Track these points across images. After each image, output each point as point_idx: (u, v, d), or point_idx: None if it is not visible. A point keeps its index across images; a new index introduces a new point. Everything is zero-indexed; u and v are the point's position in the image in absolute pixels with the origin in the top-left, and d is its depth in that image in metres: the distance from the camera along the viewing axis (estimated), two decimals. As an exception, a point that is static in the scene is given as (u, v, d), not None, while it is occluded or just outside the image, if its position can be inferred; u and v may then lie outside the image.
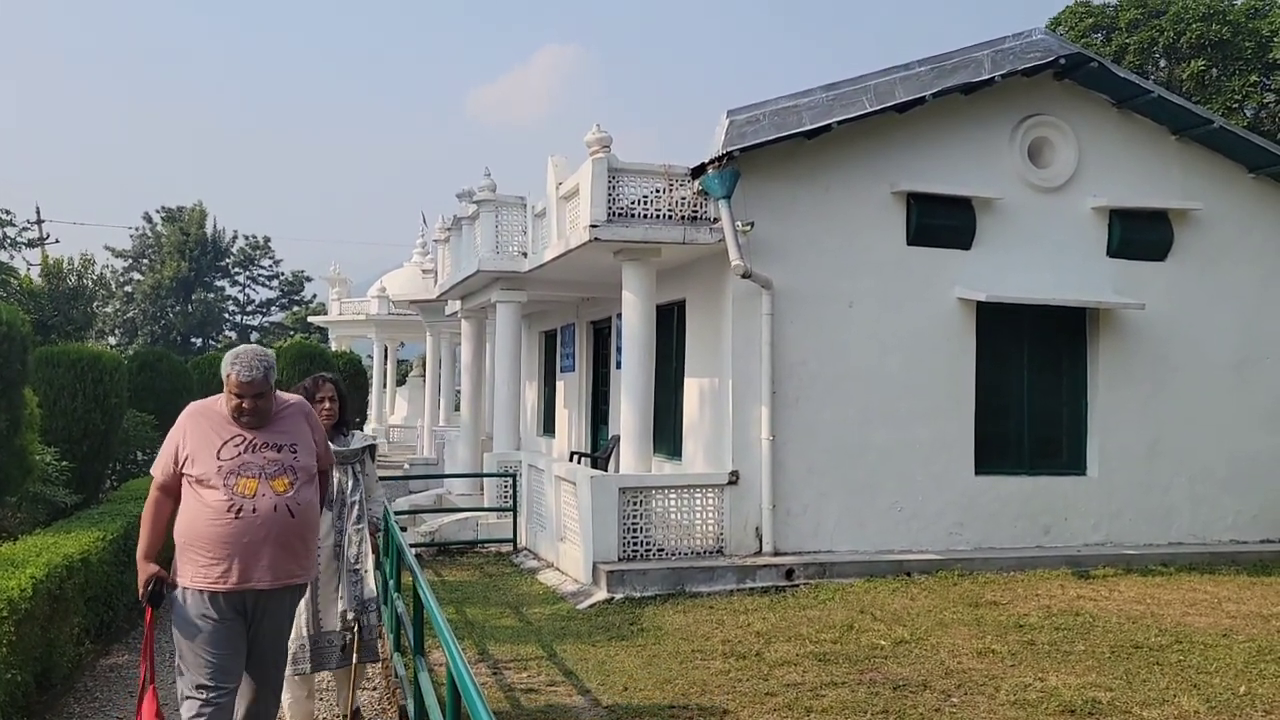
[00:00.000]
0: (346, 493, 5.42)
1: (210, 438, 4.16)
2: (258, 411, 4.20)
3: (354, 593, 5.31)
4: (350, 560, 5.32)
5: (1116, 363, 11.27)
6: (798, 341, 10.21)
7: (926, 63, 10.46)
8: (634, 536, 9.63)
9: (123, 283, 50.18)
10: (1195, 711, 5.85)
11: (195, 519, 4.08)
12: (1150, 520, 11.21)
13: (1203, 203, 11.46)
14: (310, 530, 4.33)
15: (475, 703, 3.00)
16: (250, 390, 4.16)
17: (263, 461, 4.16)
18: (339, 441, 5.44)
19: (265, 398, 4.21)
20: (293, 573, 4.23)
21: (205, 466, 4.10)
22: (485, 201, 13.26)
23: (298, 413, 4.45)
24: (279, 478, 4.15)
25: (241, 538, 4.05)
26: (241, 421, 4.19)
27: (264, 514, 4.08)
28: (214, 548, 4.04)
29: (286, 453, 4.23)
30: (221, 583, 4.06)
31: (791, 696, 6.18)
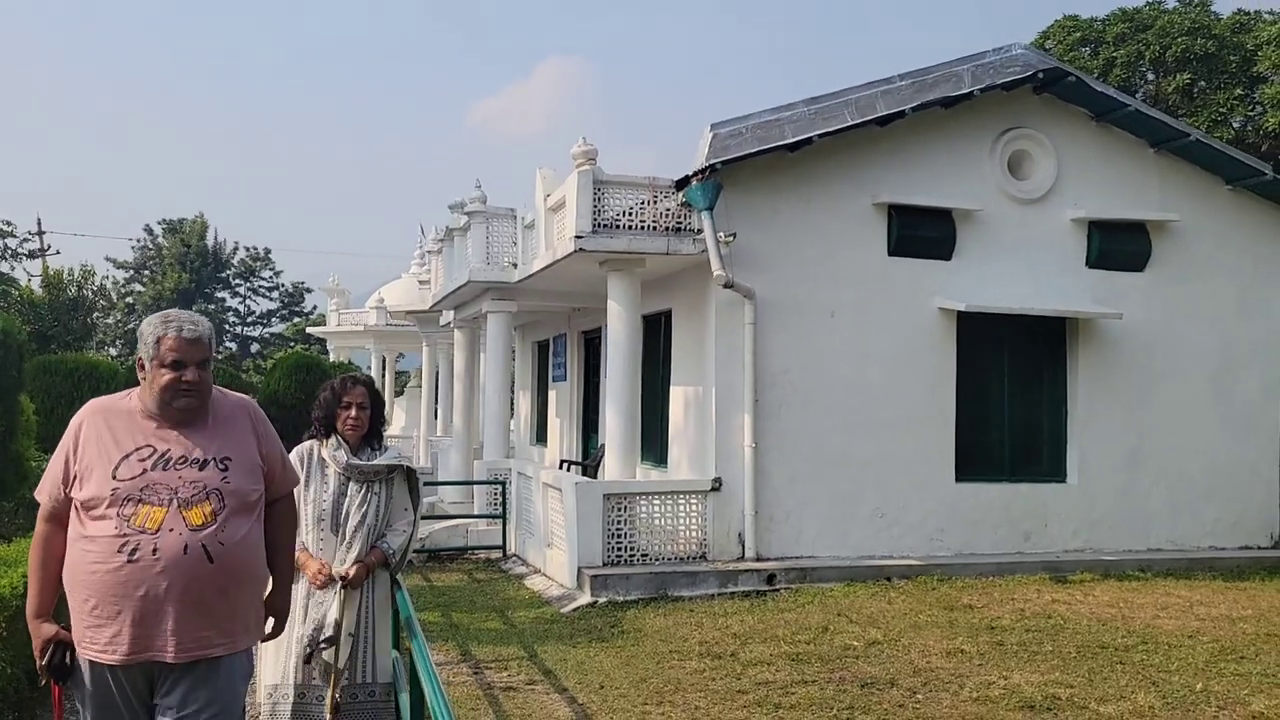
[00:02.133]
0: (349, 511, 4.43)
1: (108, 448, 3.07)
2: (201, 389, 3.13)
3: (314, 615, 4.35)
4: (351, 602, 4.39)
5: (1096, 372, 11.45)
6: (780, 351, 10.40)
7: (907, 77, 10.68)
8: (618, 542, 9.80)
9: (124, 294, 50.49)
10: (1150, 707, 6.01)
11: (78, 561, 3.01)
12: (1129, 527, 11.38)
13: (1181, 214, 11.66)
14: (240, 581, 3.11)
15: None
16: (194, 354, 3.10)
17: (176, 482, 3.04)
18: (364, 456, 4.51)
19: (208, 370, 3.16)
20: (208, 641, 3.04)
21: (96, 489, 3.01)
22: (476, 213, 13.48)
23: (239, 414, 3.30)
24: (197, 505, 3.03)
25: (135, 589, 2.93)
26: (175, 407, 3.10)
27: (168, 556, 2.95)
28: (100, 602, 2.95)
29: (213, 470, 3.11)
30: (110, 651, 2.96)
31: (762, 694, 6.34)
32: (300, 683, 4.32)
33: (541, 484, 11.08)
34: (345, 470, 4.44)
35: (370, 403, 4.51)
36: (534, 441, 18.78)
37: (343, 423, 4.47)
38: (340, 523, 4.40)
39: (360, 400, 4.50)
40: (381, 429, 4.61)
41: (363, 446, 4.53)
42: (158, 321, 3.16)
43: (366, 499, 4.45)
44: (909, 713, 5.95)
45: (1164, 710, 5.97)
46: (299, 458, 4.44)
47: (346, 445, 4.48)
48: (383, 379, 33.00)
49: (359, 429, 4.50)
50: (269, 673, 4.38)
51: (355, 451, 4.48)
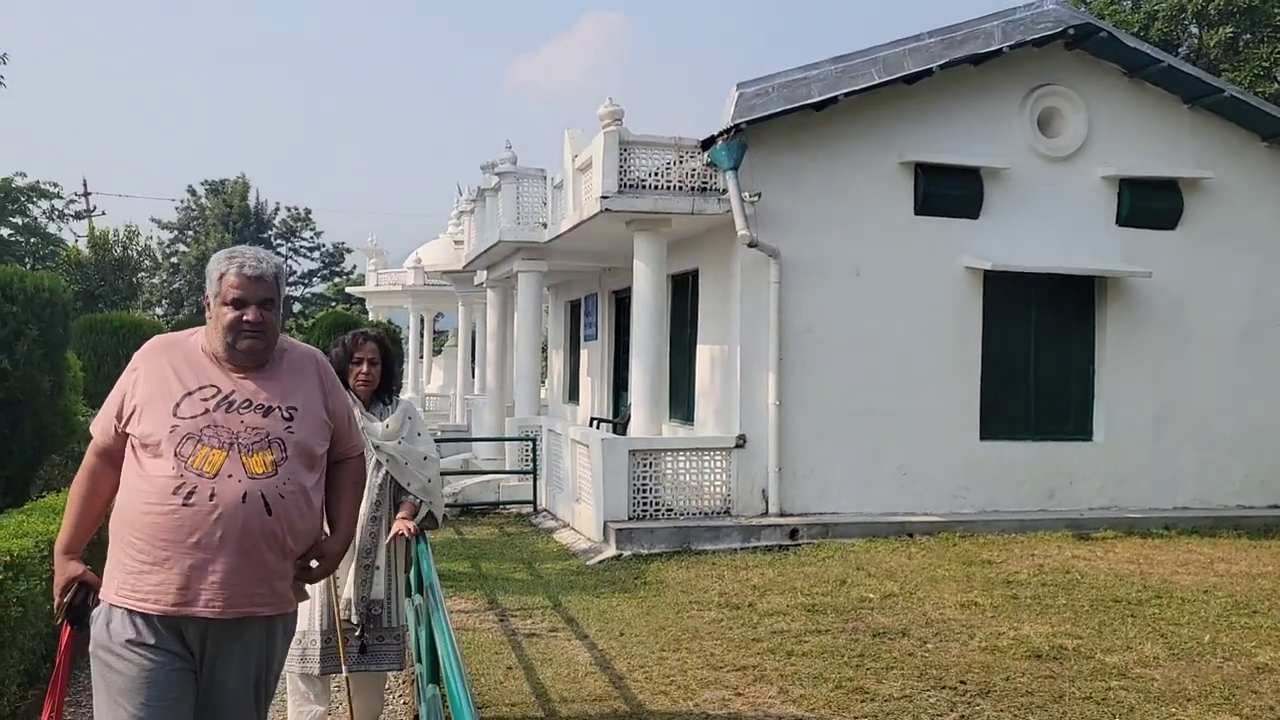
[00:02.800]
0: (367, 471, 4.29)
1: (170, 384, 2.89)
2: (266, 329, 2.95)
3: (361, 593, 4.44)
4: (360, 554, 4.43)
5: (1125, 330, 11.42)
6: (805, 309, 10.49)
7: (936, 34, 10.63)
8: (643, 497, 10.01)
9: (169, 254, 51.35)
10: (1155, 657, 6.13)
11: (129, 500, 2.82)
12: (1156, 485, 11.39)
13: (1214, 171, 11.54)
14: (298, 537, 2.92)
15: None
16: (258, 292, 2.93)
17: (239, 426, 2.86)
18: (376, 411, 4.52)
19: (274, 313, 2.97)
20: (260, 598, 2.86)
21: (155, 424, 2.83)
22: (506, 174, 13.63)
23: (307, 364, 3.11)
24: (259, 453, 2.84)
25: (188, 535, 2.75)
26: (238, 349, 2.92)
27: (226, 503, 2.76)
28: (148, 546, 2.76)
29: (278, 418, 2.92)
30: (152, 600, 2.76)
31: (776, 642, 6.53)
32: (326, 629, 4.36)
33: (570, 441, 11.31)
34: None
35: (381, 357, 4.52)
36: (567, 399, 19.03)
37: (354, 378, 4.47)
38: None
39: (371, 355, 4.50)
40: (394, 383, 4.63)
41: (374, 401, 4.56)
42: (223, 257, 2.99)
43: (375, 455, 4.48)
44: (917, 661, 6.11)
45: (1169, 660, 6.09)
46: None
47: (360, 401, 4.49)
48: (421, 338, 33.42)
49: (370, 384, 4.51)
50: (300, 619, 4.19)
51: (368, 406, 4.51)
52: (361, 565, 4.44)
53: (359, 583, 4.43)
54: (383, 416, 4.53)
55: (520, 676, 5.91)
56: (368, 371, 4.49)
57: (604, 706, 5.40)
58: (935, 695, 5.52)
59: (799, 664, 6.08)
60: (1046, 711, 5.28)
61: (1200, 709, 5.30)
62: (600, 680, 5.83)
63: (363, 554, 4.43)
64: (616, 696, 5.55)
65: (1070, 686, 5.63)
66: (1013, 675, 5.83)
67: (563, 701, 5.47)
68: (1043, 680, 5.74)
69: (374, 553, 4.47)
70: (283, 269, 3.06)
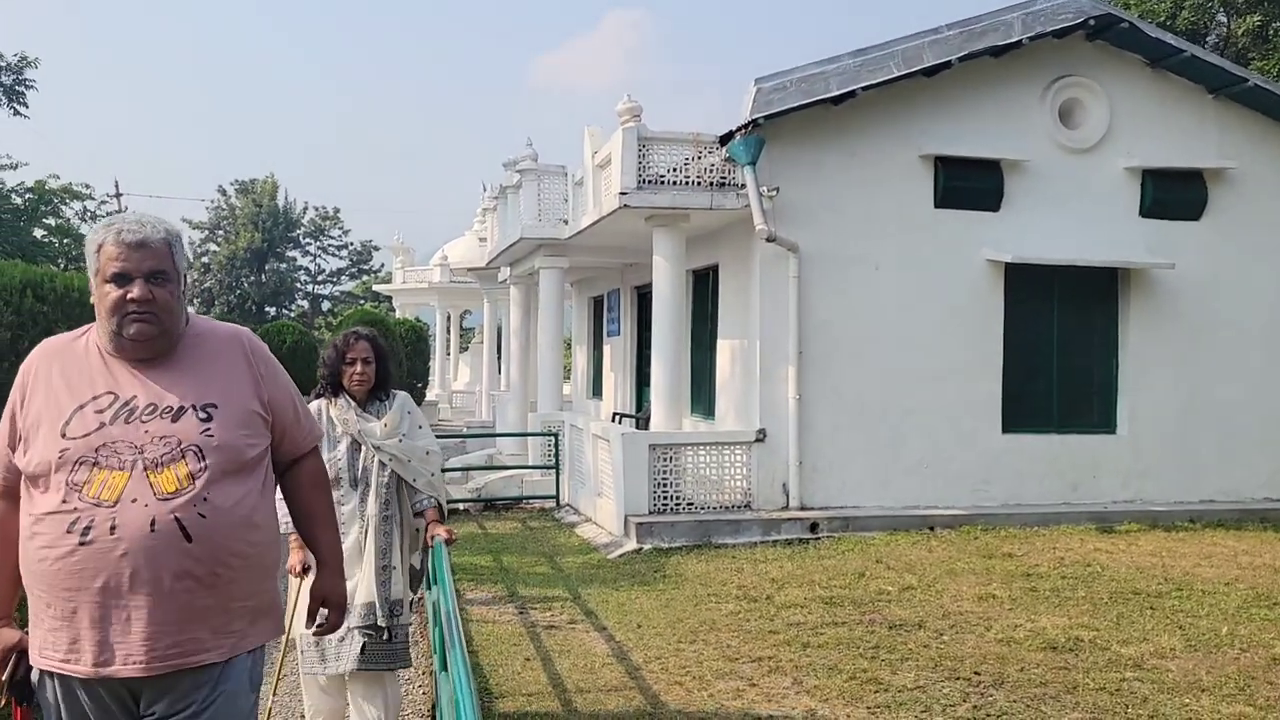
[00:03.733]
0: (371, 471, 4.41)
1: (59, 399, 2.39)
2: (158, 310, 2.38)
3: (383, 594, 4.35)
4: (376, 555, 4.36)
5: (1148, 322, 11.35)
6: (824, 303, 10.50)
7: (955, 26, 10.60)
8: (664, 491, 10.07)
9: (200, 254, 51.97)
10: (1171, 649, 6.12)
11: (26, 547, 2.35)
12: (1181, 478, 11.31)
13: (1239, 162, 11.43)
14: (234, 563, 2.36)
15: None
16: (143, 263, 2.37)
17: (144, 438, 2.33)
18: (373, 410, 4.48)
19: (170, 289, 2.41)
20: (194, 645, 2.33)
21: (42, 451, 2.35)
22: (527, 171, 13.73)
23: (230, 349, 2.55)
24: (170, 467, 2.31)
25: (92, 580, 2.26)
26: (126, 337, 2.38)
27: (130, 535, 2.25)
28: (54, 598, 2.30)
29: (192, 420, 2.37)
30: (71, 661, 2.30)
31: (792, 634, 6.58)
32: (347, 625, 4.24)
33: (591, 435, 11.39)
34: (356, 435, 4.41)
35: (375, 356, 4.48)
36: (590, 395, 19.12)
37: (349, 379, 4.44)
38: (357, 479, 4.39)
39: (364, 355, 4.45)
40: (390, 381, 4.59)
41: (370, 399, 4.50)
42: (100, 226, 2.47)
43: (378, 456, 4.42)
44: (932, 652, 6.14)
45: (1185, 652, 6.08)
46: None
47: (355, 402, 4.46)
48: (448, 335, 33.65)
49: (365, 383, 4.46)
50: (299, 622, 4.21)
51: (364, 406, 4.47)
52: (379, 566, 4.36)
53: (379, 584, 4.35)
54: (379, 414, 4.47)
55: (538, 667, 5.99)
56: (361, 371, 4.44)
57: (619, 697, 5.47)
58: (949, 686, 5.55)
59: (814, 655, 6.13)
60: (1059, 702, 5.30)
61: (1214, 699, 5.29)
62: (616, 671, 5.90)
63: (379, 554, 4.36)
64: (632, 687, 5.62)
65: (1084, 678, 5.64)
66: (1027, 666, 5.84)
67: (579, 691, 5.54)
68: (1057, 671, 5.75)
69: (389, 553, 4.41)
70: (177, 234, 2.49)
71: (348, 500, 4.38)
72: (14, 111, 24.18)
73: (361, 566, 4.35)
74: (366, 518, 4.38)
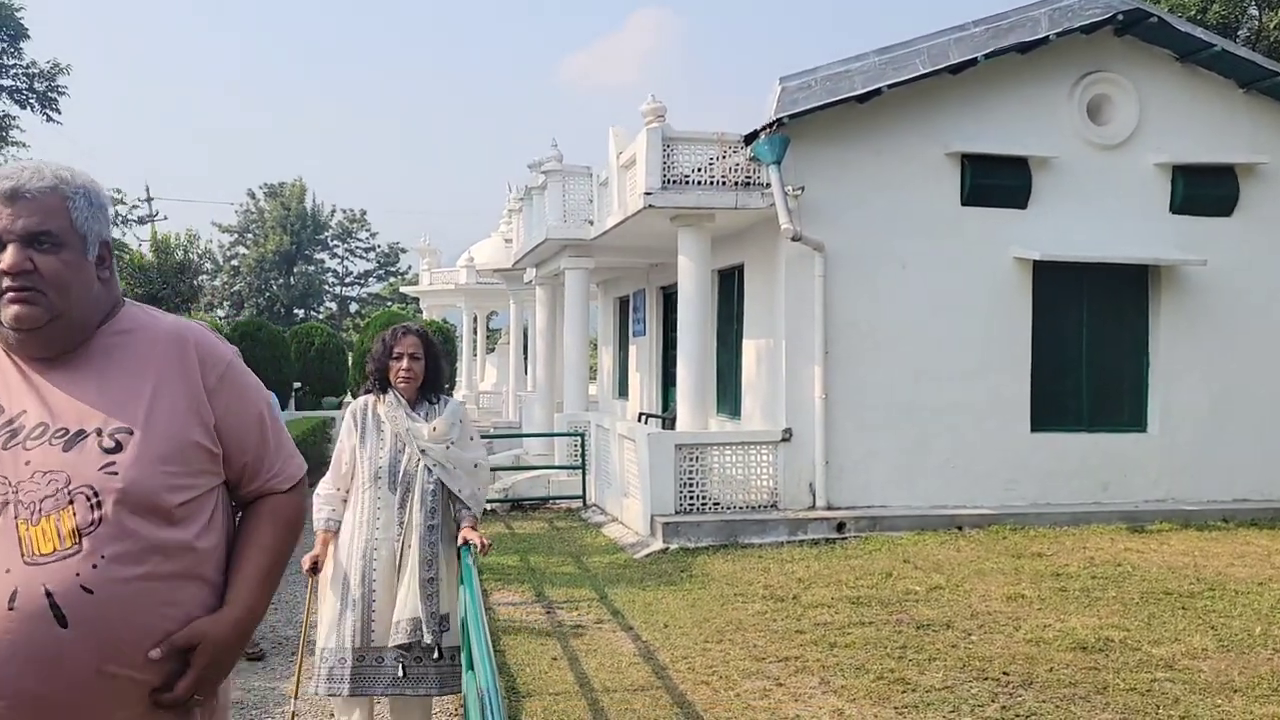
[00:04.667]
0: (415, 475, 4.19)
1: None
2: (44, 284, 1.74)
3: (430, 608, 4.07)
4: (421, 566, 4.10)
5: (1179, 320, 11.23)
6: (850, 302, 10.47)
7: (982, 23, 10.54)
8: (690, 491, 10.07)
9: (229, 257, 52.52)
10: (1204, 649, 6.06)
11: None
12: (1213, 477, 11.18)
13: (1271, 156, 11.30)
14: (134, 654, 1.69)
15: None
16: (16, 220, 1.73)
17: (20, 473, 1.69)
18: (422, 412, 4.27)
19: (60, 255, 1.76)
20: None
21: None
22: (552, 172, 13.77)
23: (167, 349, 1.87)
24: (49, 515, 1.67)
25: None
26: (5, 325, 1.75)
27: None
28: None
29: (91, 449, 1.72)
30: None
31: (819, 634, 6.56)
32: (360, 646, 4.04)
33: (617, 435, 11.41)
34: (404, 434, 4.23)
35: (425, 352, 4.29)
36: (616, 395, 19.15)
37: (395, 375, 4.26)
38: (398, 482, 4.17)
39: (412, 350, 4.26)
40: (441, 380, 4.40)
41: (420, 400, 4.31)
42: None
43: (423, 460, 4.22)
44: (960, 652, 6.10)
45: (1217, 652, 6.01)
46: (353, 414, 4.32)
47: (404, 400, 4.28)
48: (474, 336, 33.79)
49: (412, 380, 4.26)
50: (324, 634, 4.14)
51: (413, 405, 4.29)
52: (425, 579, 4.09)
53: (425, 598, 4.06)
54: (429, 417, 4.27)
55: (564, 666, 6.01)
56: (408, 367, 4.24)
57: (646, 696, 5.48)
58: (977, 686, 5.52)
59: (841, 655, 6.11)
60: (1089, 702, 5.26)
61: (1247, 700, 5.23)
62: (643, 670, 5.91)
63: (424, 566, 4.10)
64: (658, 686, 5.63)
65: (1115, 678, 5.59)
66: (1056, 667, 5.80)
67: (605, 691, 5.56)
68: (1087, 671, 5.71)
69: (435, 564, 4.14)
70: (79, 186, 1.81)
71: (385, 505, 4.16)
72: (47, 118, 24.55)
73: (403, 579, 4.09)
74: (407, 525, 4.14)
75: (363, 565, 4.11)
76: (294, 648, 6.13)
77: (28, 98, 24.16)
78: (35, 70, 24.15)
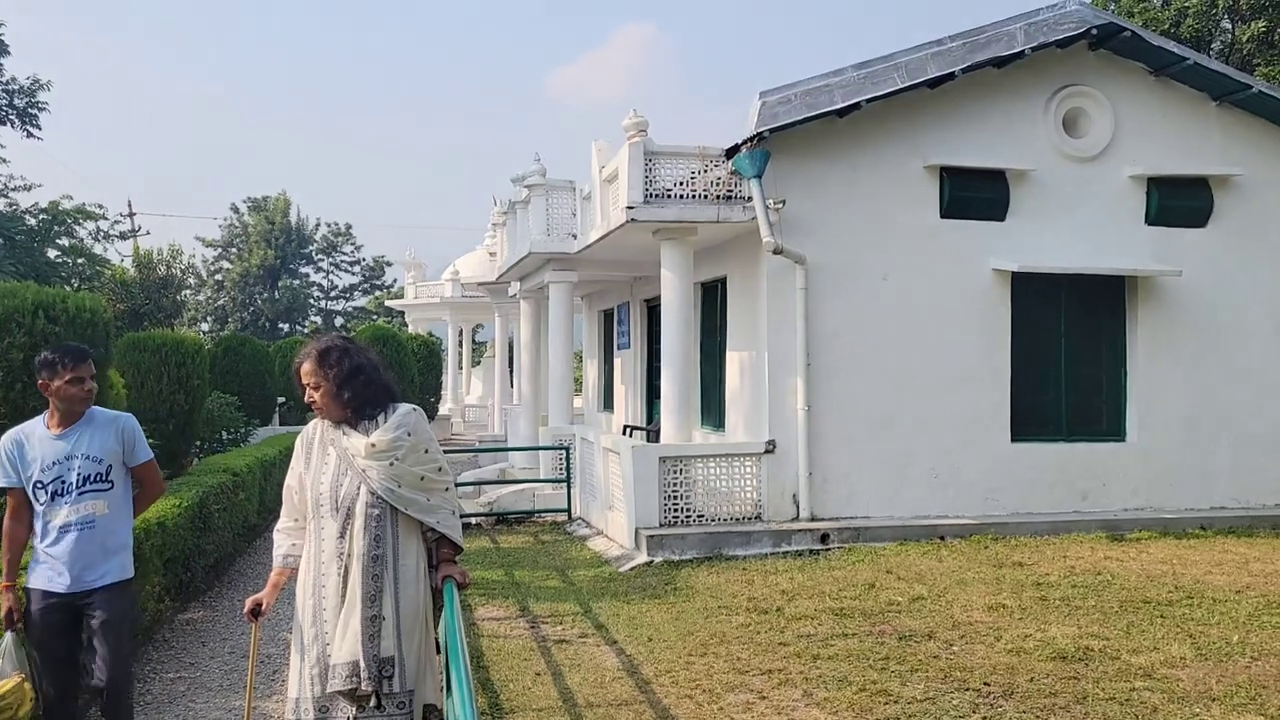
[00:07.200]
0: (357, 499, 3.71)
1: None
2: None
3: (371, 650, 3.61)
4: (364, 603, 3.64)
5: (1156, 330, 11.35)
6: (832, 314, 10.55)
7: (959, 38, 10.65)
8: (674, 503, 10.11)
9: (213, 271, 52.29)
10: (1182, 657, 6.13)
11: None
12: (1191, 485, 11.29)
13: (1244, 168, 11.45)
14: None
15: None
16: None
17: None
18: (363, 429, 3.78)
19: None
20: None
21: None
22: (536, 186, 13.82)
23: None
24: None
25: None
26: None
27: None
28: None
29: None
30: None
31: (802, 646, 6.61)
32: (319, 695, 3.66)
33: (602, 449, 11.44)
34: (342, 454, 3.78)
35: (336, 372, 3.76)
36: (601, 408, 19.18)
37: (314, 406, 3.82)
38: (337, 507, 3.71)
39: (309, 380, 3.78)
40: (378, 391, 3.85)
41: (358, 419, 3.80)
42: None
43: (365, 482, 3.72)
44: (942, 663, 6.16)
45: (1195, 661, 6.09)
46: (301, 439, 3.93)
47: (340, 423, 3.83)
48: (460, 350, 33.78)
49: (323, 411, 3.81)
50: (292, 684, 3.79)
51: (354, 425, 3.80)
52: (367, 618, 3.62)
53: (366, 638, 3.60)
54: (369, 432, 3.77)
55: (548, 682, 6.03)
56: (309, 397, 3.80)
57: (630, 711, 5.51)
58: (958, 697, 5.57)
59: (824, 667, 6.15)
60: (1069, 712, 5.32)
61: (1225, 709, 5.30)
62: (627, 685, 5.94)
63: (366, 602, 3.62)
64: (642, 701, 5.66)
65: (1094, 688, 5.66)
66: (1037, 676, 5.86)
67: (589, 706, 5.58)
68: (1067, 681, 5.77)
69: (379, 600, 3.65)
70: None
71: (328, 535, 3.71)
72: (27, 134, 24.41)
73: (341, 616, 3.64)
74: (348, 556, 3.67)
75: (313, 604, 3.72)
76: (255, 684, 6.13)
77: (7, 114, 24.04)
78: (15, 87, 24.03)
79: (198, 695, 6.02)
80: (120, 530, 4.47)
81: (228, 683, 6.26)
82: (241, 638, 7.24)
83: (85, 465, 4.35)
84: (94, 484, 4.36)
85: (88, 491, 4.35)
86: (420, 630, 3.74)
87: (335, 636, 3.64)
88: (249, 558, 10.29)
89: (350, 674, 3.58)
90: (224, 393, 16.55)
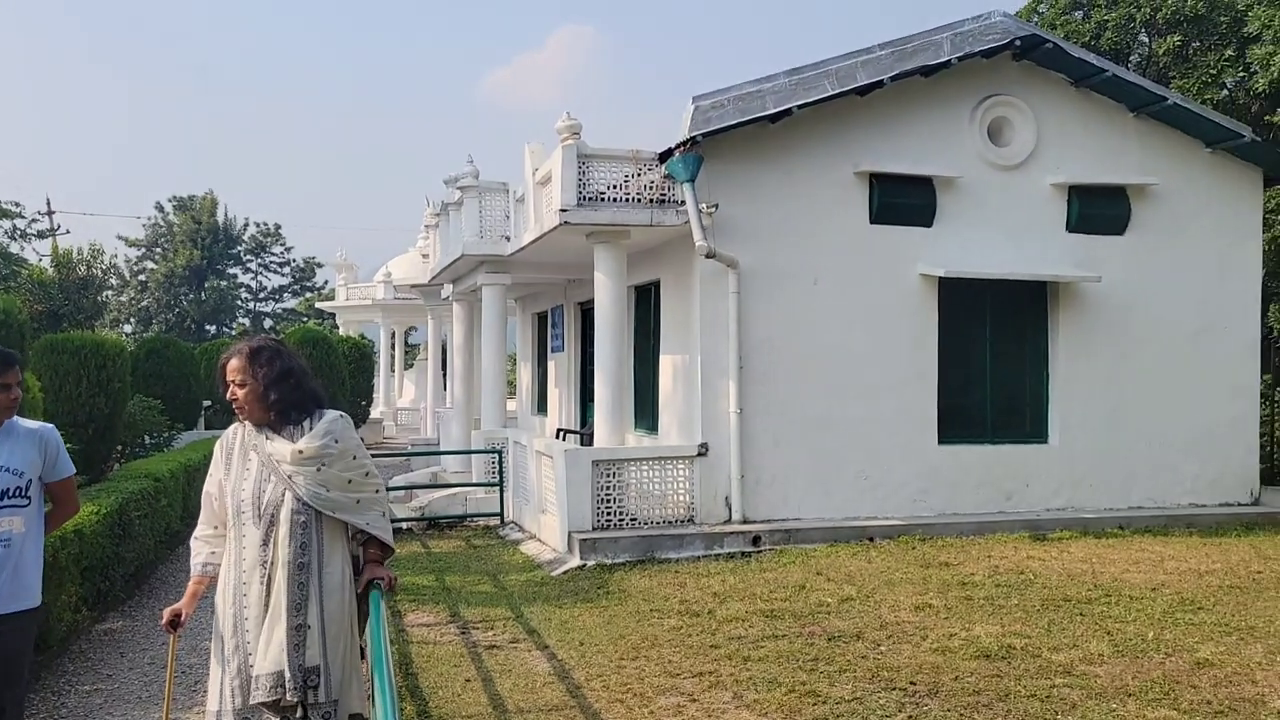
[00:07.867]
0: (282, 505, 3.63)
1: None
2: None
3: (296, 660, 3.53)
4: (289, 612, 3.55)
5: (1077, 334, 11.65)
6: (764, 318, 10.64)
7: (887, 46, 10.83)
8: (607, 507, 10.10)
9: (136, 272, 51.01)
10: (1100, 654, 6.30)
11: None
12: (1110, 485, 11.62)
13: (1160, 178, 11.81)
14: None
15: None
16: None
17: None
18: (286, 433, 3.71)
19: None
20: None
21: None
22: (469, 187, 13.73)
23: None
24: None
25: None
26: None
27: None
28: None
29: None
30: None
31: (733, 648, 6.65)
32: (241, 707, 3.57)
33: (535, 452, 11.39)
34: (265, 460, 3.69)
35: (263, 372, 3.69)
36: (535, 411, 19.10)
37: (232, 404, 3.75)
38: (260, 514, 3.63)
39: (235, 378, 3.70)
40: (305, 395, 3.77)
41: (282, 424, 3.72)
42: None
43: (290, 488, 3.64)
44: (870, 663, 6.24)
45: (1113, 657, 6.26)
46: (220, 444, 3.84)
47: (262, 426, 3.74)
48: (392, 352, 33.39)
49: (245, 411, 3.72)
50: (212, 696, 3.69)
51: (277, 428, 3.72)
52: (292, 627, 3.53)
53: (291, 647, 3.51)
54: (296, 439, 3.70)
55: (478, 688, 5.99)
56: (232, 394, 3.72)
57: (560, 716, 5.49)
58: (885, 697, 5.65)
59: (755, 669, 6.20)
60: (992, 710, 5.43)
61: (1140, 704, 5.46)
62: (557, 690, 5.92)
63: (291, 611, 3.53)
64: (573, 705, 5.64)
65: (1016, 685, 5.78)
66: (961, 675, 5.97)
67: (519, 712, 5.55)
68: (990, 679, 5.89)
69: (305, 609, 3.57)
70: None
71: (250, 542, 3.62)
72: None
73: (265, 626, 3.56)
74: (272, 564, 3.59)
75: (234, 613, 3.62)
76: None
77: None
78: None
79: (115, 708, 5.87)
80: (33, 551, 4.07)
81: (147, 694, 6.10)
82: (162, 648, 7.07)
83: (3, 479, 3.95)
84: (12, 499, 3.97)
85: (6, 507, 3.94)
86: (345, 638, 3.66)
87: (258, 646, 3.55)
88: (171, 565, 10.05)
89: (274, 685, 3.50)
90: (147, 396, 16.15)
